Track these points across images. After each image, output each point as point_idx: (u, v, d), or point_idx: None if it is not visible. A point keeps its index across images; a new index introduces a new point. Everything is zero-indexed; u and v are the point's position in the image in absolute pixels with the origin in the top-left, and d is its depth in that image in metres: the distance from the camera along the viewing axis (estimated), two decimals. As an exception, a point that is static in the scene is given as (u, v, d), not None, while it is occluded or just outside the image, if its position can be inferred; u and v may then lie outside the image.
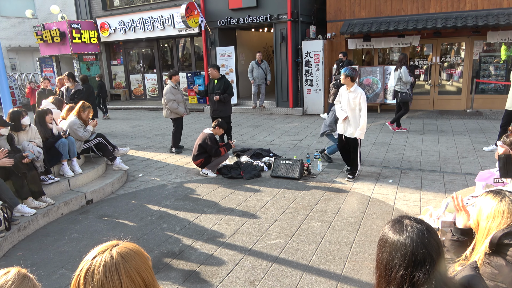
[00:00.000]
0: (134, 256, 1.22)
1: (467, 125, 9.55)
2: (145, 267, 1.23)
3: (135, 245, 1.28)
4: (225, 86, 8.03)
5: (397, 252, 1.31)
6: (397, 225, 1.37)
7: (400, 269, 1.30)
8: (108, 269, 1.17)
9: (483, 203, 1.80)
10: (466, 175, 6.03)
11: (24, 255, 4.25)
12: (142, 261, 1.24)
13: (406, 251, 1.30)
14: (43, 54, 17.08)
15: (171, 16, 14.42)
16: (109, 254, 1.20)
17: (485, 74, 11.36)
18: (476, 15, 10.41)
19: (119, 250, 1.21)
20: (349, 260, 3.79)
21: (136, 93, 17.32)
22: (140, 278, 1.20)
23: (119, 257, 1.19)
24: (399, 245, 1.32)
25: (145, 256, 1.26)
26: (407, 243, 1.30)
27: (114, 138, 9.71)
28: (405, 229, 1.34)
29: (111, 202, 5.70)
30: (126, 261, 1.19)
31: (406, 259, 1.29)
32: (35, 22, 20.27)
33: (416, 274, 1.27)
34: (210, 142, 6.54)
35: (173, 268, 3.82)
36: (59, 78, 10.08)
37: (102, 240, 4.38)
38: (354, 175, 6.08)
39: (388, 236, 1.37)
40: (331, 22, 12.45)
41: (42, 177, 5.52)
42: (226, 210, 5.16)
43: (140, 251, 1.26)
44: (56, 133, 6.00)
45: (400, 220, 1.39)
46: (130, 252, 1.22)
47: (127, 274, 1.18)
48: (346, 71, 5.87)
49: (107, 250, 1.21)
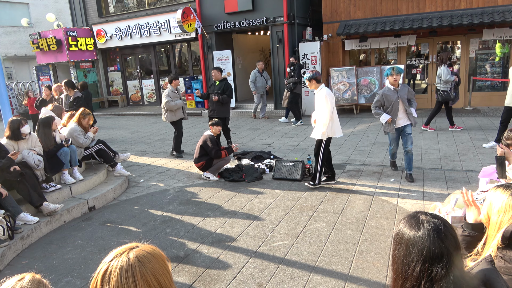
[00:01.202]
0: (151, 259, 1.21)
1: (465, 122, 9.58)
2: (162, 271, 1.22)
3: (154, 247, 1.26)
4: (225, 88, 8.06)
5: (414, 248, 1.31)
6: (413, 221, 1.36)
7: (417, 264, 1.30)
8: (124, 272, 1.16)
9: (494, 197, 1.80)
10: (468, 172, 6.04)
11: (28, 263, 4.22)
12: (160, 264, 1.22)
13: (423, 246, 1.29)
14: (39, 62, 17.05)
15: (167, 22, 14.44)
16: (126, 257, 1.19)
17: (482, 71, 11.41)
18: (472, 13, 10.47)
19: (137, 253, 1.20)
20: (355, 260, 3.78)
21: (134, 99, 17.30)
22: (157, 282, 1.19)
23: (135, 260, 1.18)
24: (416, 240, 1.31)
25: (163, 259, 1.25)
26: (424, 238, 1.30)
27: (114, 144, 9.69)
28: (422, 224, 1.33)
29: (114, 208, 5.68)
30: (142, 265, 1.18)
31: (423, 254, 1.29)
32: (31, 31, 20.23)
33: (434, 269, 1.27)
34: (211, 143, 6.54)
35: (180, 272, 3.80)
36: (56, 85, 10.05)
37: (107, 247, 4.34)
38: (314, 181, 5.83)
39: (404, 232, 1.36)
40: (327, 23, 12.50)
41: (44, 184, 5.50)
42: (230, 213, 5.15)
43: (158, 254, 1.25)
44: (59, 141, 5.98)
45: (415, 215, 1.39)
46: (147, 255, 1.21)
47: (143, 278, 1.17)
48: (307, 76, 5.73)
49: (125, 253, 1.20)
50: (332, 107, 5.63)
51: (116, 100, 17.46)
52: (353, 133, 9.37)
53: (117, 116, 15.60)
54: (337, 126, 5.81)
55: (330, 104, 5.60)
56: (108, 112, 16.27)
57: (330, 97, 5.63)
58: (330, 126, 5.69)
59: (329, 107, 5.58)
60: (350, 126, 10.22)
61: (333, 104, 5.66)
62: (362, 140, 8.60)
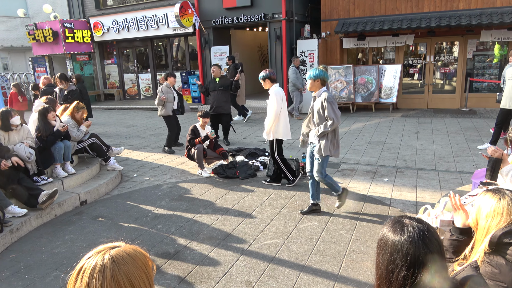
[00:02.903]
0: (127, 261, 1.16)
1: (461, 123, 9.59)
2: (138, 273, 1.16)
3: (136, 248, 1.21)
4: (228, 83, 8.22)
5: (398, 253, 1.29)
6: (397, 225, 1.34)
7: (402, 270, 1.27)
8: (96, 272, 1.12)
9: (482, 202, 1.78)
10: (461, 173, 6.04)
11: (17, 257, 4.19)
12: (137, 267, 1.17)
13: (407, 251, 1.27)
14: (35, 53, 16.91)
15: (165, 16, 14.34)
16: (102, 257, 1.15)
17: (479, 73, 11.41)
18: (470, 14, 10.46)
19: (114, 253, 1.16)
20: (346, 260, 3.77)
21: (130, 93, 17.21)
22: (130, 284, 1.14)
23: (110, 261, 1.14)
24: (400, 245, 1.29)
25: (143, 261, 1.19)
26: (409, 243, 1.28)
27: (108, 138, 9.64)
28: (406, 229, 1.31)
29: (106, 203, 5.64)
30: (116, 266, 1.14)
31: (408, 260, 1.27)
32: (27, 22, 20.06)
33: (418, 274, 1.25)
34: (189, 132, 6.69)
35: (169, 269, 3.78)
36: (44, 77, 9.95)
37: (97, 242, 4.31)
38: (289, 181, 5.86)
39: (388, 237, 1.34)
40: (325, 21, 12.45)
41: (35, 178, 5.45)
42: (222, 210, 5.13)
43: (138, 256, 1.19)
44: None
45: (399, 220, 1.36)
46: (124, 256, 1.16)
47: (114, 279, 1.12)
48: (261, 75, 5.61)
49: (102, 252, 1.17)
50: (280, 108, 5.46)
51: (112, 94, 17.37)
52: (348, 131, 9.35)
53: (112, 110, 15.51)
54: (284, 128, 5.61)
55: (277, 105, 5.43)
56: (104, 106, 16.18)
57: (279, 97, 5.46)
58: (276, 127, 5.56)
59: (275, 107, 5.43)
60: (346, 124, 10.20)
61: (281, 105, 5.48)
62: (358, 139, 8.58)
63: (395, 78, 11.47)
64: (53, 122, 5.87)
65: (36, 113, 6.00)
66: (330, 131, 4.54)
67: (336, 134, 4.64)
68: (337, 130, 4.66)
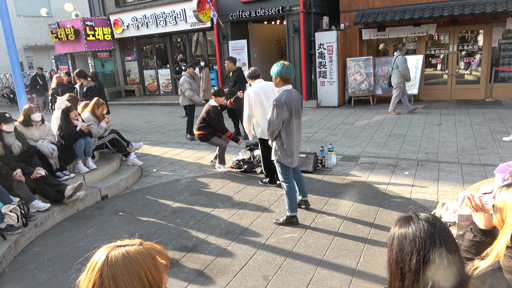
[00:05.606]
0: (119, 263, 1.12)
1: (486, 115, 9.29)
2: (128, 278, 1.11)
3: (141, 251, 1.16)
4: (238, 79, 8.03)
5: (406, 239, 1.32)
6: (403, 220, 1.39)
7: (412, 256, 1.29)
8: (90, 267, 1.15)
9: (509, 198, 1.71)
10: (485, 166, 5.86)
11: (41, 250, 4.31)
12: (128, 272, 1.12)
13: (414, 234, 1.31)
14: (58, 52, 17.30)
15: (183, 11, 14.40)
16: (102, 254, 1.15)
17: (505, 62, 11.01)
18: (495, 1, 10.07)
19: (112, 253, 1.14)
20: (364, 254, 3.72)
21: (150, 88, 17.42)
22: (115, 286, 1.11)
23: (104, 259, 1.13)
24: (407, 233, 1.33)
25: (140, 267, 1.13)
26: (415, 228, 1.32)
27: (128, 133, 9.79)
28: (412, 221, 1.36)
29: (126, 198, 5.74)
30: (107, 266, 1.12)
31: (416, 242, 1.29)
32: (50, 21, 20.53)
33: (429, 255, 1.27)
34: (214, 114, 6.27)
35: (187, 262, 3.82)
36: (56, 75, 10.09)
37: (117, 236, 4.38)
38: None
39: (395, 231, 1.39)
40: (344, 12, 12.24)
41: (58, 173, 5.59)
42: (239, 204, 5.14)
43: (136, 260, 1.14)
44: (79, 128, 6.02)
45: (406, 216, 1.41)
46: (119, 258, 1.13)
47: (101, 277, 1.11)
48: (245, 75, 5.49)
49: (106, 250, 1.17)
50: (251, 110, 5.18)
51: (133, 90, 17.62)
52: (368, 124, 9.21)
53: (133, 106, 15.74)
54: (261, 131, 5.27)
55: (248, 105, 5.19)
56: (125, 102, 16.44)
57: (255, 96, 5.14)
58: (256, 128, 5.33)
59: (246, 107, 5.22)
60: (366, 117, 10.04)
61: (252, 106, 5.16)
62: (378, 132, 8.44)
63: (416, 69, 11.19)
64: (75, 122, 5.97)
65: (59, 110, 6.13)
66: (284, 135, 4.19)
67: (290, 140, 4.21)
68: (291, 137, 4.21)
